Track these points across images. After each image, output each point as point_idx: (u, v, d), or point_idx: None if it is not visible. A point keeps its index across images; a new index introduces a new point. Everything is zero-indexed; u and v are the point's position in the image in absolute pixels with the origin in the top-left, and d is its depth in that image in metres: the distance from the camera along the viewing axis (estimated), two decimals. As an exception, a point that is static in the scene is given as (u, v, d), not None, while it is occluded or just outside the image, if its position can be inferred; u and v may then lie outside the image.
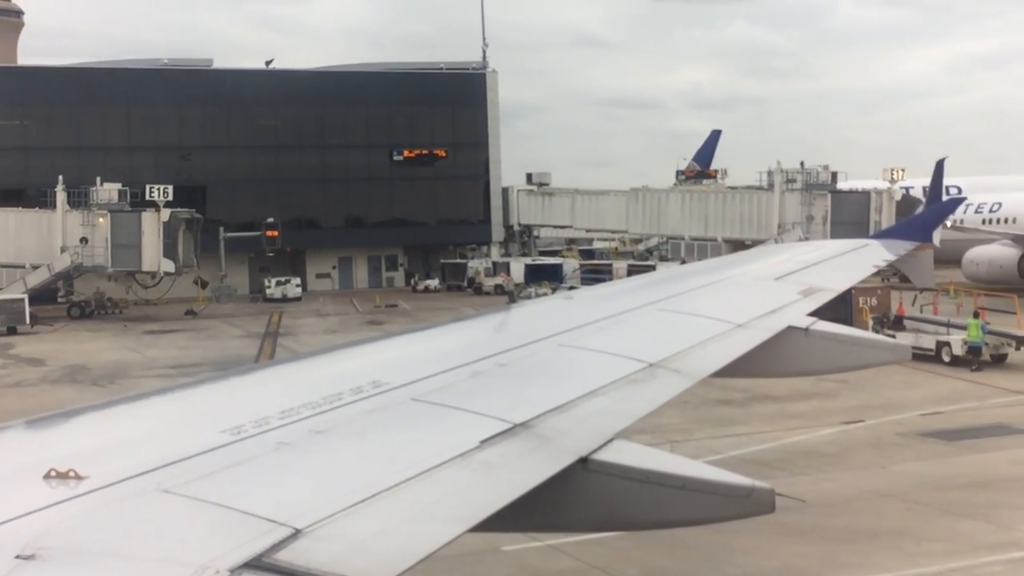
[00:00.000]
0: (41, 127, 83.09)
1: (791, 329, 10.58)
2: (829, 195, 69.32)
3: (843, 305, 39.74)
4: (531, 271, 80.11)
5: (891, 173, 67.91)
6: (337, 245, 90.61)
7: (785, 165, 72.49)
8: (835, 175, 72.11)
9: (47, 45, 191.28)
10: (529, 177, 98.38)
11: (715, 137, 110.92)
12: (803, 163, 72.61)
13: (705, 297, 12.27)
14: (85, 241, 66.46)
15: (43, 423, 6.21)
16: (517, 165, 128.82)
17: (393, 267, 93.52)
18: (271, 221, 79.31)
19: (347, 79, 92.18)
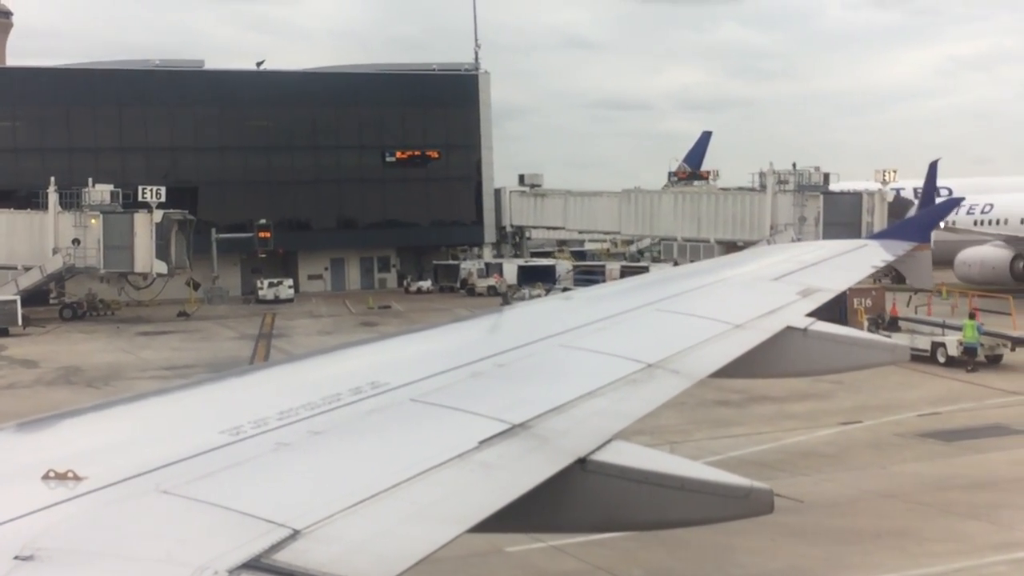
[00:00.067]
0: (32, 128, 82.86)
1: (790, 330, 10.58)
2: (821, 196, 69.63)
3: (838, 306, 39.72)
4: (524, 272, 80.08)
5: (883, 174, 68.22)
6: (329, 246, 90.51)
7: (776, 166, 72.71)
8: (827, 176, 72.43)
9: (35, 46, 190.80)
10: (521, 178, 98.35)
11: (706, 138, 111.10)
12: (795, 164, 72.90)
13: (703, 298, 12.26)
14: (77, 242, 66.26)
15: (42, 424, 6.19)
16: (506, 166, 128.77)
17: (385, 268, 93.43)
18: (264, 222, 79.28)
19: (339, 80, 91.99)
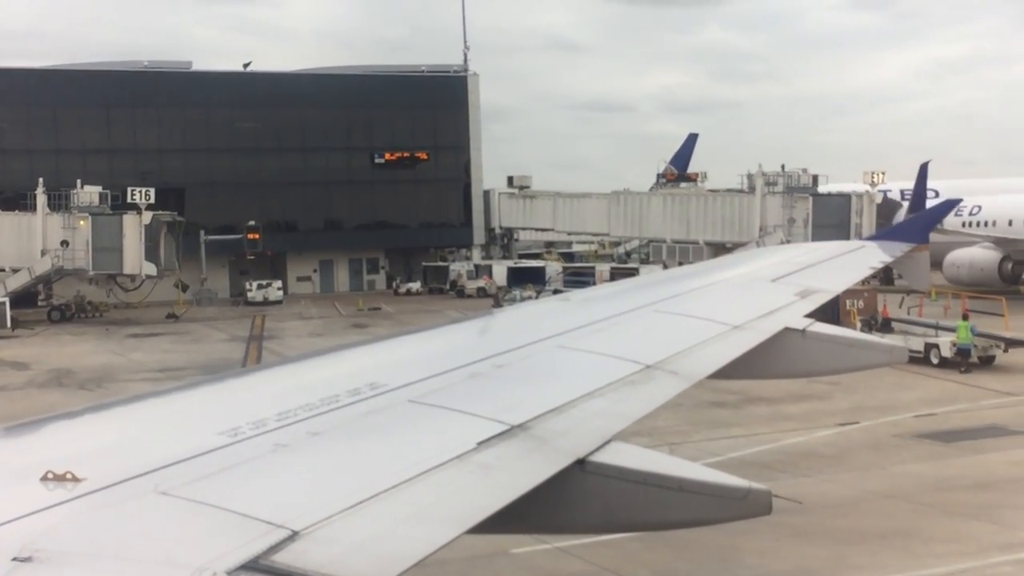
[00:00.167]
0: (20, 129, 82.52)
1: (788, 330, 10.58)
2: (810, 198, 69.85)
3: (831, 308, 39.78)
4: (514, 274, 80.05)
5: (871, 176, 68.51)
6: (318, 248, 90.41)
7: (763, 168, 72.85)
8: (816, 178, 72.72)
9: (16, 48, 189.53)
10: (510, 180, 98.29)
11: (692, 140, 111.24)
12: (784, 166, 73.11)
13: (702, 299, 12.27)
14: (66, 244, 66.04)
15: (40, 425, 6.16)
16: (493, 168, 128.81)
17: (374, 270, 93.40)
18: (252, 224, 79.15)
19: (328, 81, 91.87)
